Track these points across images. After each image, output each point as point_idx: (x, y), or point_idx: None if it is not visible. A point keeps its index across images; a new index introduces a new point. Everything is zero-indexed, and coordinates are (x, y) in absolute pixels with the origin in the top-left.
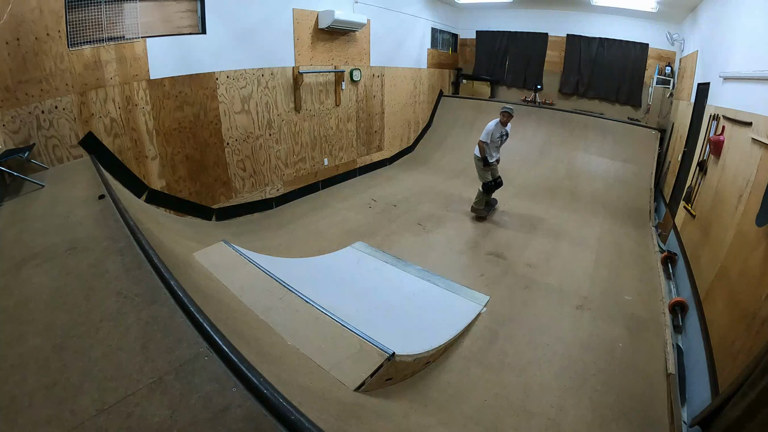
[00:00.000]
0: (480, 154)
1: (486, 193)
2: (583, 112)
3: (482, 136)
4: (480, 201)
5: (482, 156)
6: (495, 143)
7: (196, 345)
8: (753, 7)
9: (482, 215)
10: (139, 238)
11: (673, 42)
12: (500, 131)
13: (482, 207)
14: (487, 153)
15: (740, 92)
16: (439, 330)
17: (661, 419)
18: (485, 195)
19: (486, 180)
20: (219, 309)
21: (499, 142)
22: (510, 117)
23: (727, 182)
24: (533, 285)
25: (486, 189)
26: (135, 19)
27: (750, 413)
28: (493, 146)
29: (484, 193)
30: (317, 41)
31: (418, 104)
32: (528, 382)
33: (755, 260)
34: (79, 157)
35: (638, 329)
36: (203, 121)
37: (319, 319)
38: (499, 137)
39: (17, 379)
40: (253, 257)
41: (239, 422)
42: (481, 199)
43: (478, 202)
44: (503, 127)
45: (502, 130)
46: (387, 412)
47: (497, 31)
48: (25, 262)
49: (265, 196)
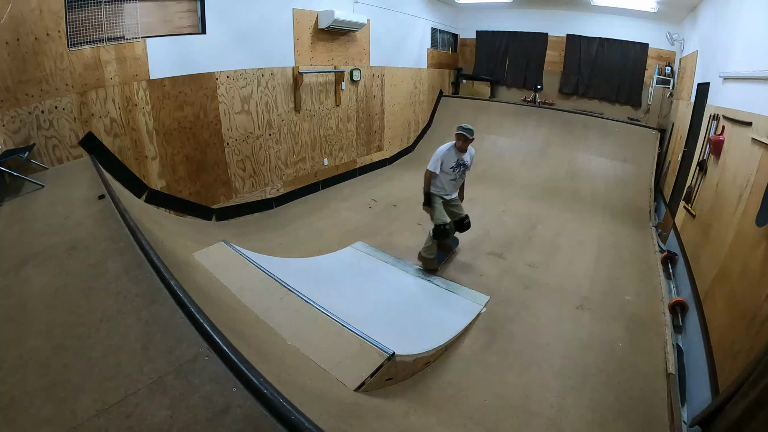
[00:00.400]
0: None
1: (436, 238)
2: (583, 112)
3: (430, 164)
4: (430, 248)
5: (425, 189)
6: (448, 174)
7: (196, 345)
8: (753, 7)
9: (432, 267)
10: (139, 238)
11: (673, 42)
12: (455, 159)
13: (432, 256)
14: (433, 187)
15: (740, 92)
16: (439, 330)
17: (661, 419)
18: (434, 240)
19: (440, 221)
20: (219, 309)
21: (454, 174)
22: (467, 140)
23: (727, 182)
24: (533, 285)
25: (436, 233)
26: (135, 19)
27: (750, 413)
28: (445, 178)
29: (434, 238)
30: (317, 41)
31: (418, 104)
32: (528, 382)
33: (755, 260)
34: (79, 158)
35: (638, 329)
36: (203, 121)
37: (319, 319)
38: (454, 168)
39: (17, 380)
40: (253, 257)
41: (239, 422)
42: (431, 246)
43: (428, 249)
44: (460, 153)
45: (458, 157)
46: (387, 412)
47: (497, 31)
48: (25, 262)
49: (265, 196)
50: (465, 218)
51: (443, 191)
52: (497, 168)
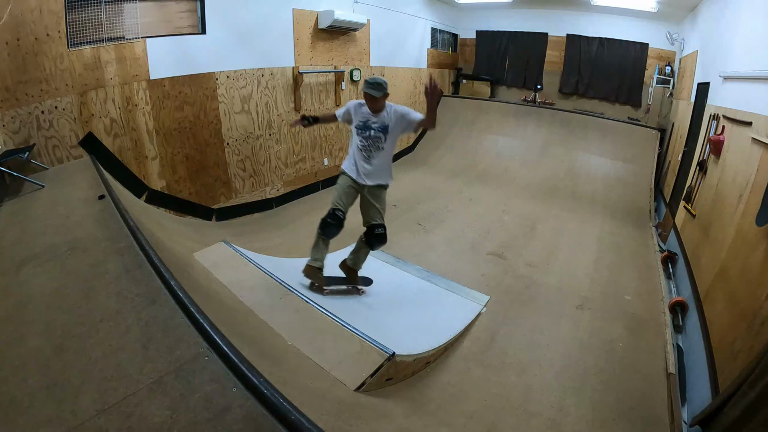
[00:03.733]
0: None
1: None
2: (583, 112)
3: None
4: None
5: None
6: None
7: (196, 345)
8: (753, 7)
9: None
10: (139, 239)
11: (673, 42)
12: (365, 117)
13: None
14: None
15: (740, 92)
16: (439, 330)
17: (661, 419)
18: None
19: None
20: (219, 309)
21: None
22: (375, 99)
23: (727, 182)
24: (533, 285)
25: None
26: (135, 19)
27: (750, 413)
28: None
29: (318, 230)
30: (317, 41)
31: (418, 104)
32: (528, 382)
33: (755, 260)
34: (79, 158)
35: (638, 329)
36: (203, 121)
37: (319, 319)
38: (361, 129)
39: (17, 380)
40: (253, 257)
41: (239, 422)
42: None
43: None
44: (372, 114)
45: (368, 117)
46: (387, 412)
47: (497, 31)
48: (26, 262)
49: (265, 196)
50: (378, 227)
51: (352, 167)
52: (497, 168)
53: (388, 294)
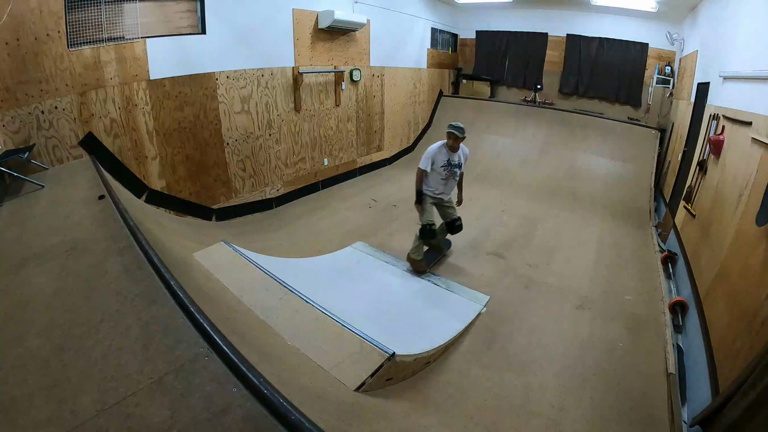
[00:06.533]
0: (416, 185)
1: (422, 237)
2: (583, 112)
3: (421, 162)
4: (417, 248)
5: (416, 187)
6: (439, 174)
7: (196, 345)
8: (753, 7)
9: (420, 268)
10: (139, 239)
11: (672, 42)
12: (446, 157)
13: (419, 257)
14: (425, 186)
15: (740, 92)
16: (439, 330)
17: (661, 419)
18: (421, 240)
19: (425, 222)
20: (219, 309)
21: (445, 173)
22: (458, 139)
23: (727, 182)
24: (533, 285)
25: (422, 233)
26: (135, 19)
27: (750, 413)
28: (436, 177)
29: (420, 238)
30: (317, 41)
31: (418, 104)
32: (528, 381)
33: (755, 260)
34: (79, 158)
35: (638, 329)
36: (203, 121)
37: (319, 319)
38: (445, 166)
39: (17, 380)
40: (253, 257)
41: (239, 422)
42: (418, 246)
43: (415, 250)
44: (452, 152)
45: (449, 156)
46: (387, 412)
47: (497, 31)
48: (25, 262)
49: (265, 196)
50: (456, 220)
51: (435, 191)
52: (497, 168)
53: (388, 294)
